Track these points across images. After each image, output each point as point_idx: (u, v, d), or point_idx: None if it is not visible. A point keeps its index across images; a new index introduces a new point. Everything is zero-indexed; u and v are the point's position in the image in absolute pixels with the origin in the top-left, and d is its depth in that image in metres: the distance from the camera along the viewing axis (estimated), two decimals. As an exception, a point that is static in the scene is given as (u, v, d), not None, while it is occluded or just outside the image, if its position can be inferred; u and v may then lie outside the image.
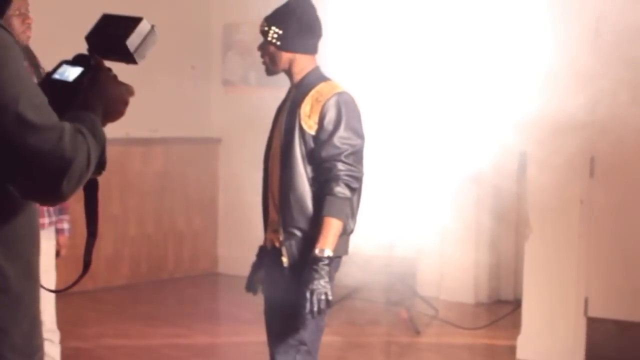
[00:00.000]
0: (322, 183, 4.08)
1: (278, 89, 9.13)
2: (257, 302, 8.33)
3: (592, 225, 6.48)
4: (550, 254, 6.58)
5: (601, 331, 6.61)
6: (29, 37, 4.14)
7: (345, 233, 4.18)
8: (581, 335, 6.58)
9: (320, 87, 4.19)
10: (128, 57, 2.50)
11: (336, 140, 4.09)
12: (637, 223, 6.39)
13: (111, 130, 4.04)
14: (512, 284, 8.47)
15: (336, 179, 4.06)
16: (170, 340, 7.25)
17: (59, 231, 4.98)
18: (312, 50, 4.30)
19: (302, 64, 4.27)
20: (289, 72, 4.30)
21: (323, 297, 4.02)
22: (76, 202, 2.57)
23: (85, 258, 2.51)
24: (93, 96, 2.44)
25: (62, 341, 5.20)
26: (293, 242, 4.14)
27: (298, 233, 4.13)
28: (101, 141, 2.39)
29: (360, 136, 4.20)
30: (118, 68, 2.53)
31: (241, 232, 9.49)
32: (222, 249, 9.81)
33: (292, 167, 4.12)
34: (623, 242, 6.47)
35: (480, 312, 8.24)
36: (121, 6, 9.03)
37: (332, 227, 4.04)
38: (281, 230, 4.16)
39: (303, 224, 4.12)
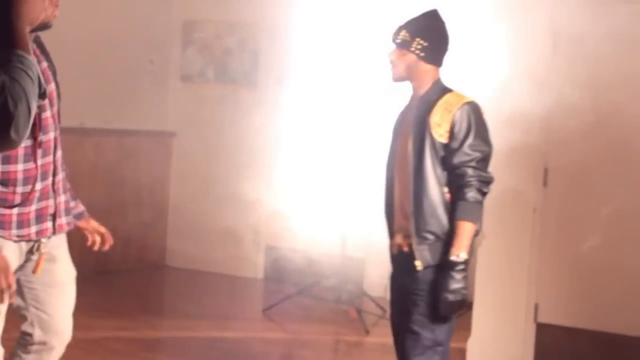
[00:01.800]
0: (455, 189, 4.29)
1: (236, 86, 9.42)
2: (203, 297, 8.56)
3: (544, 234, 6.59)
4: (502, 260, 6.66)
5: (550, 337, 6.68)
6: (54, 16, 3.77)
7: (476, 235, 4.38)
8: (530, 340, 6.66)
9: (448, 97, 4.36)
10: None
11: (467, 147, 4.28)
12: (587, 232, 6.44)
13: (66, 119, 4.01)
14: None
15: (468, 184, 4.27)
16: (116, 333, 7.20)
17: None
18: (442, 63, 4.51)
19: (434, 76, 4.46)
20: (418, 82, 4.46)
21: (460, 298, 4.23)
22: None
23: None
24: (12, 19, 2.68)
25: (7, 332, 5.11)
26: (426, 247, 4.32)
27: (431, 237, 4.31)
28: (34, 74, 2.60)
29: (488, 143, 4.38)
30: (75, 60, 2.64)
31: (191, 226, 9.54)
32: (171, 242, 9.77)
33: (424, 175, 4.29)
34: (573, 251, 6.53)
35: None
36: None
37: (466, 230, 4.26)
38: (414, 235, 4.32)
39: (436, 228, 4.31)
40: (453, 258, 4.23)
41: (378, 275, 8.61)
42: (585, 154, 6.37)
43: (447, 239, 4.29)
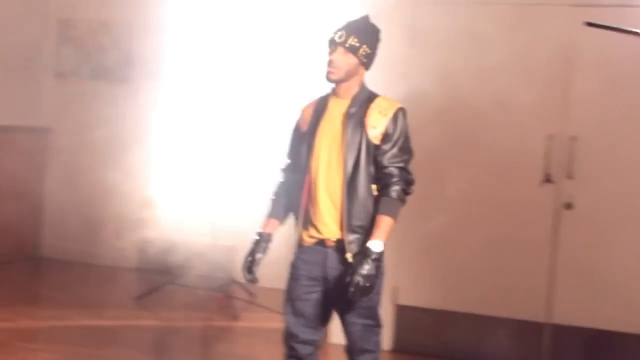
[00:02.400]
0: (382, 186, 4.50)
1: (109, 82, 9.52)
2: (78, 287, 8.67)
3: (403, 218, 6.82)
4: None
5: (409, 318, 6.97)
6: None
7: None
8: (389, 321, 6.91)
9: (380, 101, 4.58)
10: None
11: (397, 150, 4.51)
12: (442, 217, 6.78)
13: None
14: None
15: (395, 183, 4.50)
16: None
17: None
18: None
19: (362, 79, 4.65)
20: (351, 84, 4.61)
21: (369, 284, 4.39)
22: None
23: None
24: None
25: None
26: (356, 240, 4.51)
27: (361, 231, 4.50)
28: None
29: (412, 148, 4.60)
30: None
31: (66, 218, 9.62)
32: (47, 234, 9.85)
33: (359, 173, 4.49)
34: (429, 234, 6.84)
35: None
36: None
37: (387, 224, 4.48)
38: (346, 229, 4.50)
39: (366, 223, 4.50)
40: (371, 246, 4.42)
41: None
42: (434, 139, 6.65)
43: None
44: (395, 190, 4.52)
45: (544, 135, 6.63)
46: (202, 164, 8.55)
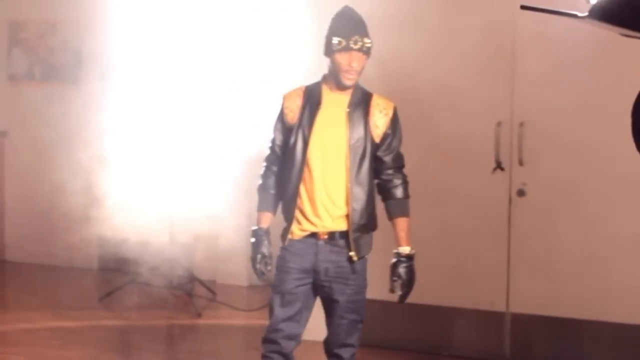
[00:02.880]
0: (390, 188, 4.66)
1: (61, 83, 9.60)
2: (42, 289, 8.74)
3: None
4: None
5: (368, 312, 7.00)
6: None
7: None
8: None
9: (378, 99, 4.67)
10: None
11: (398, 149, 4.67)
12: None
13: None
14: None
15: (403, 182, 4.67)
16: None
17: None
18: None
19: None
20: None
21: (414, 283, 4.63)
22: None
23: None
24: None
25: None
26: (361, 239, 4.63)
27: (364, 230, 4.62)
28: None
29: None
30: None
31: (27, 221, 9.66)
32: (8, 237, 9.88)
33: (363, 171, 4.59)
34: (379, 225, 6.76)
35: (254, 295, 8.47)
36: None
37: (408, 226, 4.67)
38: (353, 228, 4.59)
39: (369, 221, 4.63)
40: (408, 251, 4.61)
41: (206, 259, 8.91)
42: None
43: (372, 233, 4.67)
44: (403, 189, 4.67)
45: (493, 121, 6.59)
46: (157, 161, 8.55)
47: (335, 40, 4.55)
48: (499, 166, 6.60)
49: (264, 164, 4.79)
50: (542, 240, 6.54)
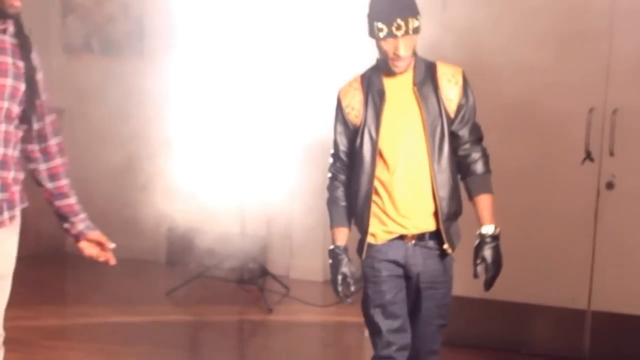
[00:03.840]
0: (470, 162, 4.27)
1: (121, 58, 9.11)
2: (106, 283, 8.47)
3: None
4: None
5: None
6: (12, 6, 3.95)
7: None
8: None
9: (443, 68, 4.23)
10: None
11: (475, 120, 4.28)
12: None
13: None
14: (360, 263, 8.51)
15: (482, 156, 4.28)
16: (16, 322, 6.84)
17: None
18: None
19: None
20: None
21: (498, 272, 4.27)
22: None
23: None
24: None
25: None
26: (451, 227, 4.27)
27: (454, 218, 4.28)
28: None
29: None
30: None
31: (89, 209, 9.08)
32: None
33: (444, 154, 4.20)
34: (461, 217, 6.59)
35: (329, 290, 8.24)
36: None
37: (491, 203, 4.29)
38: (444, 219, 4.22)
39: (457, 208, 4.28)
40: (487, 232, 4.25)
41: (279, 252, 8.64)
42: None
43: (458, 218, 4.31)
44: (483, 163, 4.29)
45: (585, 107, 6.23)
46: (228, 148, 8.23)
47: (377, 25, 4.10)
48: (588, 156, 6.28)
49: (329, 174, 4.44)
50: (629, 235, 6.29)
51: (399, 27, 4.06)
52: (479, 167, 4.27)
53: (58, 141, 4.28)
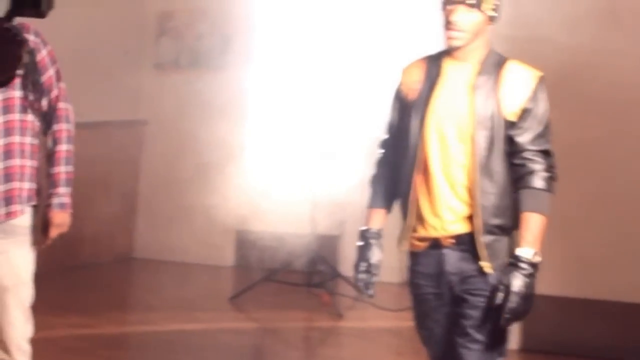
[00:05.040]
0: (523, 175, 3.82)
1: (208, 70, 9.42)
2: (170, 288, 8.38)
3: None
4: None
5: (538, 310, 6.44)
6: None
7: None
8: None
9: (514, 66, 3.88)
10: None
11: (543, 130, 3.83)
12: (576, 194, 6.18)
13: None
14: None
15: (542, 170, 3.81)
16: (75, 330, 7.03)
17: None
18: None
19: (489, 40, 3.95)
20: (473, 45, 3.89)
21: (528, 305, 3.76)
22: None
23: None
24: None
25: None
26: (493, 243, 3.82)
27: (498, 232, 3.83)
28: None
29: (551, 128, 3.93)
30: None
31: (160, 216, 9.51)
32: (140, 233, 9.69)
33: (494, 156, 3.81)
34: (562, 213, 6.34)
35: (406, 292, 8.04)
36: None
37: (539, 224, 3.78)
38: (481, 229, 3.80)
39: (505, 221, 3.84)
40: (522, 255, 3.74)
41: (353, 253, 8.42)
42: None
43: (513, 233, 3.89)
44: (542, 178, 3.79)
45: None
46: (299, 151, 8.37)
47: None
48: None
49: (379, 150, 4.13)
50: None
51: None
52: (534, 181, 3.80)
53: (67, 127, 4.45)
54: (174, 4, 9.69)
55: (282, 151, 8.59)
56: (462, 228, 3.85)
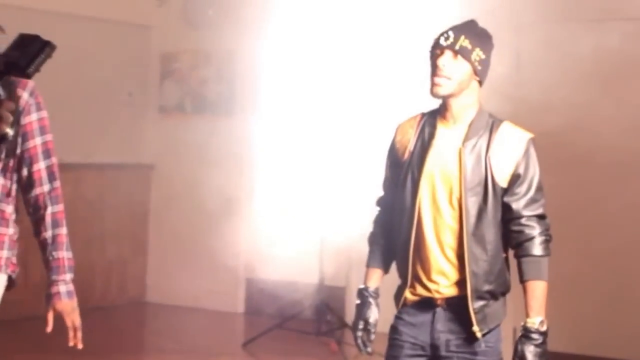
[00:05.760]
0: (522, 242, 3.75)
1: (212, 116, 9.39)
2: (183, 333, 8.43)
3: None
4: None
5: None
6: None
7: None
8: None
9: (505, 129, 3.78)
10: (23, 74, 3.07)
11: (535, 194, 3.75)
12: (572, 249, 6.36)
13: None
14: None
15: (539, 235, 3.75)
16: None
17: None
18: None
19: (478, 99, 3.84)
20: (465, 102, 3.80)
21: None
22: None
23: None
24: None
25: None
26: (483, 308, 3.75)
27: (489, 297, 3.76)
28: None
29: (544, 191, 3.83)
30: (55, 93, 2.71)
31: (171, 260, 9.51)
32: (150, 277, 9.70)
33: (484, 223, 3.72)
34: (560, 269, 6.45)
35: None
36: (65, 29, 9.02)
37: (543, 292, 3.74)
38: (472, 297, 3.72)
39: (496, 287, 3.77)
40: (533, 326, 3.69)
41: None
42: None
43: (504, 298, 3.82)
44: (540, 244, 3.74)
45: None
46: (309, 200, 8.33)
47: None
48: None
49: (376, 207, 4.05)
50: None
51: (447, 38, 3.75)
52: (534, 249, 3.74)
53: (53, 187, 3.82)
54: (177, 45, 9.58)
55: (290, 199, 8.56)
56: (454, 291, 3.78)
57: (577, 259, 6.52)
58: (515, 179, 3.73)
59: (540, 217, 3.76)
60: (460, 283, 3.76)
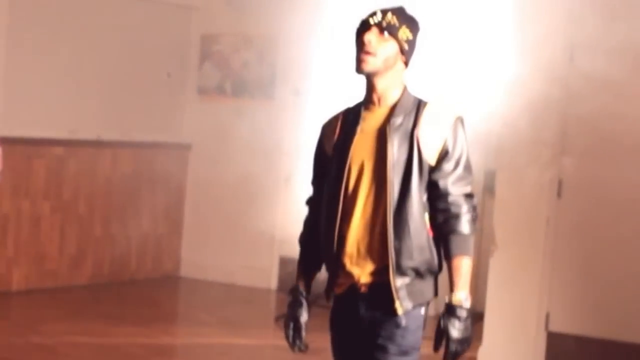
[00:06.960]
0: (448, 218, 3.66)
1: (253, 100, 9.47)
2: (217, 306, 8.61)
3: (557, 243, 6.62)
4: (514, 269, 6.68)
5: (561, 345, 6.67)
6: None
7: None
8: (541, 349, 6.68)
9: (433, 107, 3.70)
10: None
11: (462, 171, 3.67)
12: (599, 241, 6.51)
13: (83, 132, 3.90)
14: (474, 297, 8.46)
15: (466, 213, 3.66)
16: (131, 339, 7.24)
17: None
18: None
19: (403, 80, 3.76)
20: (390, 82, 3.72)
21: (466, 348, 3.63)
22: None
23: None
24: None
25: (23, 336, 4.95)
26: (406, 286, 3.62)
27: (412, 274, 3.63)
28: None
29: (472, 169, 3.77)
30: (92, 73, 2.48)
31: (205, 237, 9.58)
32: (185, 253, 9.79)
33: (410, 202, 3.61)
34: (586, 260, 6.59)
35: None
36: (108, 8, 9.14)
37: (468, 268, 3.65)
38: (395, 273, 3.60)
39: (420, 264, 3.62)
40: (458, 301, 3.60)
41: None
42: (598, 165, 6.45)
43: (432, 277, 3.68)
44: (467, 222, 3.65)
45: None
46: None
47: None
48: None
49: (307, 207, 3.97)
50: None
51: (373, 15, 3.67)
52: (460, 226, 3.66)
53: None
54: (218, 27, 9.56)
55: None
56: (379, 277, 3.65)
57: (606, 243, 6.59)
58: (443, 155, 3.65)
59: (468, 196, 3.69)
60: (385, 269, 3.64)
